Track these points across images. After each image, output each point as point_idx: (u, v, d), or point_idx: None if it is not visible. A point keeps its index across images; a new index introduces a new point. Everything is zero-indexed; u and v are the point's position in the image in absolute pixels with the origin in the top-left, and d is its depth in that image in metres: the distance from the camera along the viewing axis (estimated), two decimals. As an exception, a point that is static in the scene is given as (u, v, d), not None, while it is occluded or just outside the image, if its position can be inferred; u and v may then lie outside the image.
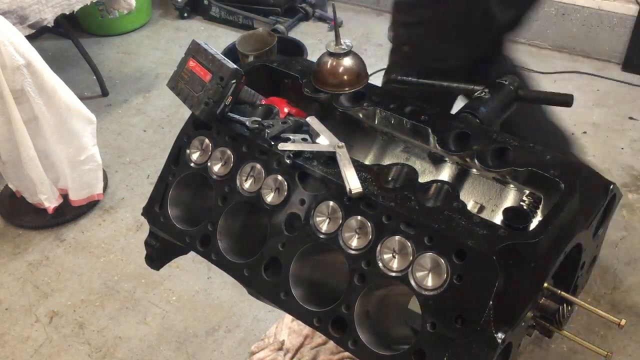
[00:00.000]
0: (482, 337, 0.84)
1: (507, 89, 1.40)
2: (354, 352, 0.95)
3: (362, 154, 1.32)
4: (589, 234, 1.06)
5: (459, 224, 0.91)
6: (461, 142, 1.12)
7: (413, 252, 0.91)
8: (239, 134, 1.14)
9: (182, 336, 2.01)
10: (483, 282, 0.85)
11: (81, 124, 2.25)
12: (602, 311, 0.96)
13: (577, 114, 2.88)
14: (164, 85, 3.21)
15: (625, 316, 1.98)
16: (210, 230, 1.14)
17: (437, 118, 1.18)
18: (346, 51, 1.25)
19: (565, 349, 1.89)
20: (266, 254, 1.06)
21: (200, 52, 1.17)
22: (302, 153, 1.08)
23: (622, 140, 2.74)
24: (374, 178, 1.01)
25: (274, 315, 2.02)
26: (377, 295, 0.99)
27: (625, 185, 2.49)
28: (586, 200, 1.00)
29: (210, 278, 2.19)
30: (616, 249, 2.21)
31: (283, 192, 1.06)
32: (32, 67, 2.03)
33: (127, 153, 2.83)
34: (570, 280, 1.11)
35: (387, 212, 0.95)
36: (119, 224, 2.46)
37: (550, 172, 1.02)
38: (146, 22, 3.88)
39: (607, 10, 3.18)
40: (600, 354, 0.97)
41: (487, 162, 1.08)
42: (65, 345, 2.01)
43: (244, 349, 1.95)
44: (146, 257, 1.36)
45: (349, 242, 0.97)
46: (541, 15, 3.37)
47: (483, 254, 0.86)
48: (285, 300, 1.03)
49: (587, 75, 3.17)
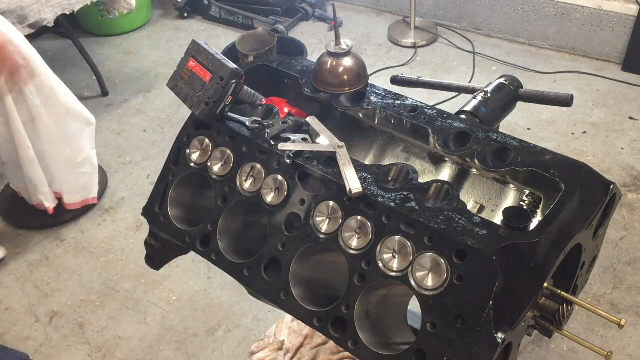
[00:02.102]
0: (482, 337, 0.84)
1: (507, 89, 1.40)
2: (354, 352, 0.95)
3: (362, 154, 1.32)
4: (589, 234, 1.06)
5: (459, 224, 0.91)
6: (461, 142, 1.12)
7: (413, 252, 0.91)
8: (239, 134, 1.14)
9: (182, 336, 2.01)
10: (483, 282, 0.85)
11: (79, 126, 2.24)
12: (602, 311, 0.96)
13: (577, 114, 2.89)
14: (164, 85, 3.22)
15: (625, 316, 1.98)
16: (210, 230, 1.14)
17: (437, 118, 1.18)
18: (346, 51, 1.25)
19: (565, 349, 1.89)
20: (266, 254, 1.06)
21: (200, 52, 1.17)
22: (302, 153, 1.08)
23: (622, 140, 2.74)
24: (374, 178, 1.01)
25: (274, 315, 2.02)
26: (377, 295, 0.99)
27: (625, 185, 2.49)
28: (586, 200, 1.00)
29: (210, 278, 2.19)
30: (616, 249, 2.21)
31: (283, 192, 1.06)
32: (32, 68, 2.03)
33: (127, 153, 2.83)
34: (570, 280, 1.11)
35: (387, 212, 0.95)
36: (119, 224, 2.45)
37: (550, 172, 1.02)
38: (146, 22, 3.88)
39: (607, 10, 3.18)
40: (600, 353, 0.97)
41: (487, 162, 1.08)
42: (65, 345, 2.01)
43: (244, 349, 1.95)
44: (146, 257, 1.36)
45: (349, 242, 0.97)
46: (541, 15, 3.37)
47: (483, 254, 0.86)
48: (285, 300, 1.03)
49: (587, 75, 3.17)
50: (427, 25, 3.66)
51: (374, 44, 3.59)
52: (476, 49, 3.43)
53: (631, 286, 2.09)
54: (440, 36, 3.60)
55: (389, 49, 3.54)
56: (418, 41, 3.54)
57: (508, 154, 1.07)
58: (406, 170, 1.02)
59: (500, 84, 1.42)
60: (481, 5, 3.56)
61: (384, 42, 3.60)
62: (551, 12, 3.35)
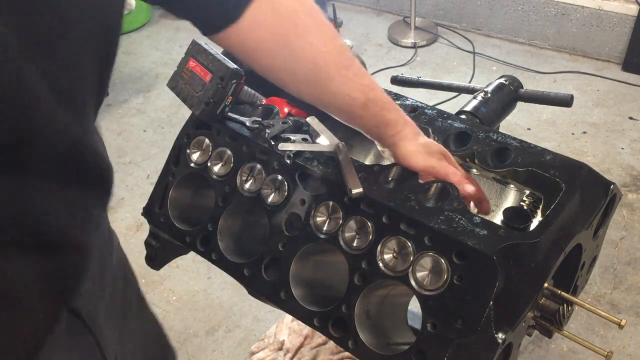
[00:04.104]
0: (482, 337, 0.84)
1: (507, 89, 1.40)
2: (354, 352, 0.95)
3: (362, 154, 1.32)
4: (589, 234, 1.06)
5: (459, 224, 0.91)
6: (461, 142, 1.12)
7: (413, 252, 0.91)
8: (239, 134, 1.14)
9: (182, 336, 2.01)
10: (483, 282, 0.85)
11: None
12: (602, 311, 0.96)
13: (577, 114, 2.89)
14: (164, 85, 3.21)
15: (625, 316, 1.98)
16: (210, 230, 1.14)
17: (437, 118, 1.18)
18: (346, 51, 1.25)
19: (565, 349, 1.89)
20: (266, 254, 1.06)
21: (200, 52, 1.17)
22: (302, 153, 1.08)
23: (622, 140, 2.74)
24: (374, 178, 1.01)
25: (274, 315, 2.02)
26: (377, 295, 0.99)
27: (625, 185, 2.49)
28: (586, 200, 1.00)
29: (210, 278, 2.19)
30: (616, 249, 2.22)
31: (283, 192, 1.06)
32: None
33: (127, 153, 2.83)
34: (570, 280, 1.11)
35: (387, 212, 0.95)
36: (119, 224, 2.45)
37: (550, 172, 1.02)
38: (146, 22, 3.88)
39: (607, 10, 3.18)
40: (600, 353, 0.97)
41: (487, 162, 1.08)
42: (65, 345, 2.01)
43: (244, 349, 1.95)
44: (146, 257, 1.36)
45: (349, 242, 0.97)
46: (541, 15, 3.37)
47: (483, 254, 0.86)
48: (285, 300, 1.03)
49: (587, 75, 3.18)
50: (427, 25, 3.66)
51: (374, 44, 3.59)
52: (476, 49, 3.43)
53: (631, 286, 2.09)
54: (440, 36, 3.60)
55: (389, 49, 3.54)
56: (418, 41, 3.54)
57: (508, 154, 1.07)
58: (406, 170, 1.02)
59: (500, 84, 1.42)
60: (481, 5, 3.56)
61: (384, 42, 3.60)
62: (551, 12, 3.35)
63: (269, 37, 0.84)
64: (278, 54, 0.87)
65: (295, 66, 0.89)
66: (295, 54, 0.87)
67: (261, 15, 0.82)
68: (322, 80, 0.91)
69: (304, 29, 0.86)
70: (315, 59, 0.88)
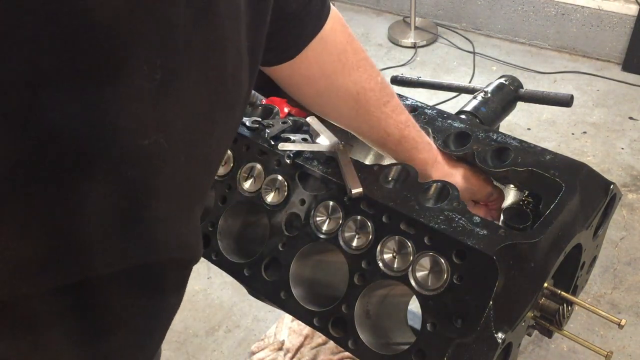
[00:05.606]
0: (482, 337, 0.84)
1: (507, 89, 1.40)
2: (354, 352, 0.95)
3: (362, 154, 1.32)
4: (589, 234, 1.06)
5: (459, 224, 0.91)
6: (461, 142, 1.12)
7: (413, 252, 0.91)
8: (239, 134, 1.14)
9: (182, 336, 2.01)
10: (483, 282, 0.85)
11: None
12: (602, 311, 0.96)
13: (577, 114, 2.89)
14: (164, 85, 3.21)
15: (625, 316, 1.98)
16: (210, 230, 1.14)
17: (437, 118, 1.18)
18: (346, 51, 1.25)
19: (565, 349, 1.89)
20: (266, 254, 1.06)
21: (200, 52, 1.17)
22: (302, 153, 1.08)
23: (622, 140, 2.74)
24: (374, 178, 1.01)
25: (274, 315, 2.02)
26: (377, 295, 0.99)
27: (625, 185, 2.49)
28: (586, 200, 1.00)
29: (210, 278, 2.19)
30: (616, 249, 2.22)
31: (283, 192, 1.06)
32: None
33: (127, 153, 2.83)
34: (570, 280, 1.11)
35: (387, 211, 0.95)
36: (119, 224, 2.46)
37: (550, 172, 1.02)
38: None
39: (607, 10, 3.18)
40: (600, 353, 0.97)
41: (487, 162, 1.08)
42: (65, 345, 2.01)
43: (244, 349, 1.95)
44: (146, 257, 1.35)
45: (349, 241, 0.97)
46: (541, 15, 3.37)
47: (483, 254, 0.86)
48: (285, 300, 1.03)
49: (587, 75, 3.18)
50: (427, 25, 3.66)
51: (374, 44, 3.59)
52: (476, 49, 3.44)
53: (631, 286, 2.09)
54: (440, 36, 3.60)
55: (389, 49, 3.54)
56: (418, 41, 3.54)
57: (508, 154, 1.07)
58: (406, 170, 1.02)
59: (500, 84, 1.42)
60: (481, 5, 3.56)
61: (384, 42, 3.60)
62: (551, 12, 3.35)
63: (318, 74, 0.87)
64: (324, 91, 0.90)
65: (339, 102, 0.93)
66: (339, 90, 0.90)
67: (312, 52, 0.84)
68: (362, 115, 0.95)
69: (350, 68, 0.89)
70: (358, 95, 0.91)
